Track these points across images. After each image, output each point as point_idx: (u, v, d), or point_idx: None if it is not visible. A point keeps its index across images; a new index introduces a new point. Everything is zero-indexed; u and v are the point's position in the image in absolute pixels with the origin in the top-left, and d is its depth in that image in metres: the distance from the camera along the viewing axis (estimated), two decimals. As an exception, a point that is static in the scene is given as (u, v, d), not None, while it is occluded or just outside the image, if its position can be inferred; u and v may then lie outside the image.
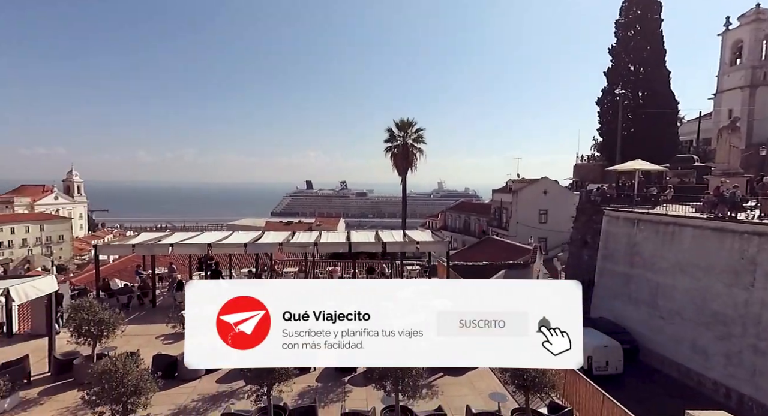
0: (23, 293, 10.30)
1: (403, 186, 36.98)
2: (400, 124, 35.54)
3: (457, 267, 22.57)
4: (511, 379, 8.21)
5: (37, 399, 9.47)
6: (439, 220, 63.96)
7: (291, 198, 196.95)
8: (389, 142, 35.75)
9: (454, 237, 48.91)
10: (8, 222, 79.64)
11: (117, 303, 15.85)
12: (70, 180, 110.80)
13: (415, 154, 35.51)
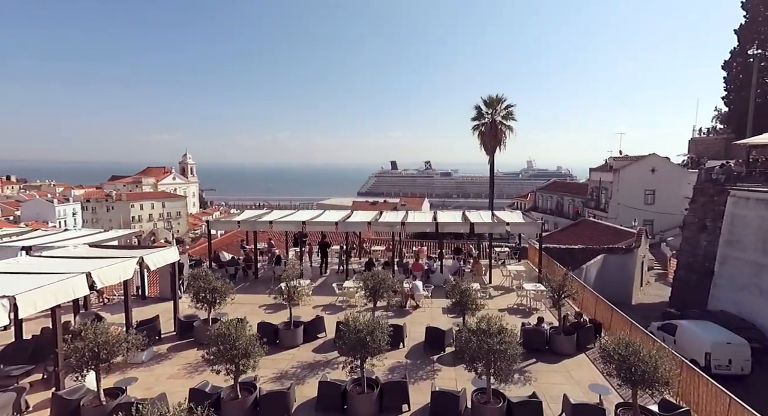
0: (154, 262, 11.81)
1: (491, 165, 35.25)
2: (488, 100, 33.59)
3: (549, 250, 20.95)
4: (616, 371, 7.35)
5: (166, 354, 10.91)
6: (528, 201, 60.34)
7: (376, 178, 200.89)
8: (477, 119, 34.09)
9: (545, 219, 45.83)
10: (138, 199, 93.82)
11: (226, 273, 17.57)
12: (185, 162, 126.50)
13: (504, 132, 33.44)
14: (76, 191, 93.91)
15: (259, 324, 11.44)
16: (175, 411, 5.38)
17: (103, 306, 14.45)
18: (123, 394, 7.93)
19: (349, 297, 14.75)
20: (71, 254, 11.17)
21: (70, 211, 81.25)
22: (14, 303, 7.20)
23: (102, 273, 9.43)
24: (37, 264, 9.99)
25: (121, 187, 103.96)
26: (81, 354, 7.49)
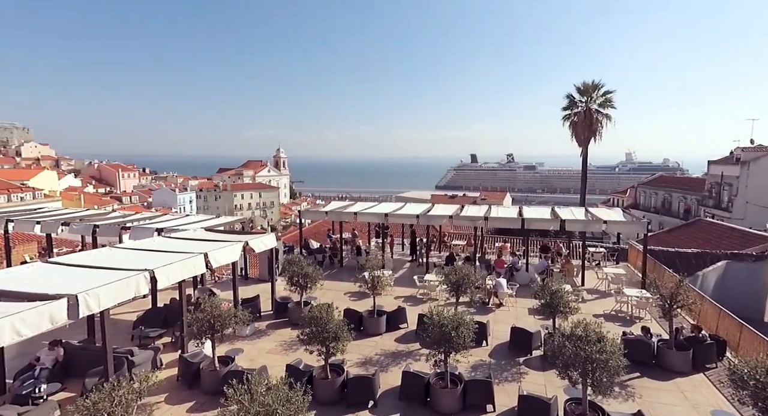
0: (256, 246, 13.06)
1: (583, 158, 32.44)
2: (582, 87, 30.83)
3: (655, 253, 18.65)
4: (751, 399, 6.29)
5: (265, 331, 12.05)
6: (627, 197, 54.25)
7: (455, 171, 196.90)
8: (568, 109, 31.55)
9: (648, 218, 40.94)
10: (240, 190, 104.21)
11: (314, 260, 18.79)
12: (278, 156, 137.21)
13: (600, 121, 30.45)
14: (192, 182, 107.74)
15: (345, 310, 12.01)
16: (278, 383, 5.91)
17: (215, 284, 16.39)
18: (232, 363, 8.96)
19: (430, 290, 14.81)
20: (191, 236, 12.84)
21: (188, 199, 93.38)
22: (153, 275, 8.54)
23: (216, 255, 10.70)
24: (167, 243, 11.67)
25: (226, 179, 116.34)
26: (200, 324, 8.63)
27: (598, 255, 19.88)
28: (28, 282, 7.73)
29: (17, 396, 7.57)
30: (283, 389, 5.73)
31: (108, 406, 5.53)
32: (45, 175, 70.61)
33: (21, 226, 15.36)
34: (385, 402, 8.35)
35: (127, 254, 10.37)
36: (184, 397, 8.48)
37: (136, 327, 11.04)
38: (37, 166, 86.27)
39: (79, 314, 6.90)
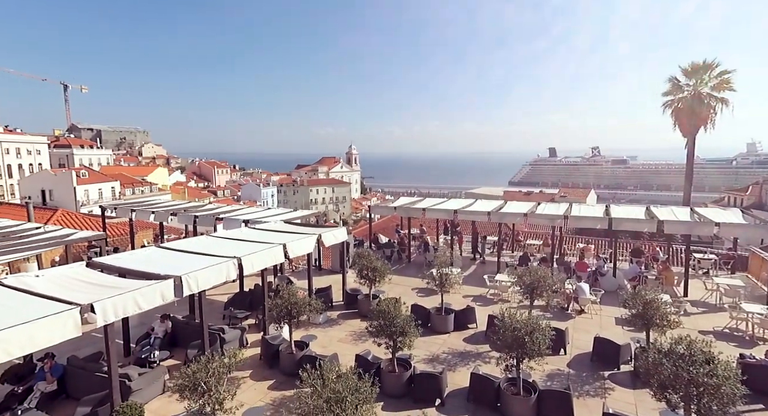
0: (329, 239, 13.74)
1: (689, 150, 28.52)
2: (690, 68, 27.13)
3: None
4: None
5: (336, 320, 12.64)
6: (749, 195, 46.71)
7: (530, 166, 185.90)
8: (671, 94, 28.01)
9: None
10: (315, 185, 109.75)
11: (383, 255, 19.17)
12: (350, 153, 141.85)
13: (714, 107, 26.52)
14: (274, 177, 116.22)
15: (412, 305, 12.13)
16: (348, 371, 6.22)
17: (292, 273, 17.56)
18: (306, 348, 9.57)
19: (501, 291, 14.33)
20: (272, 228, 13.88)
21: (270, 193, 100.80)
22: (240, 263, 9.45)
23: (293, 246, 11.47)
24: (252, 234, 12.78)
25: (303, 175, 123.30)
26: (279, 310, 9.36)
27: (707, 262, 17.31)
28: (145, 263, 9.02)
29: (137, 359, 8.92)
30: (353, 378, 6.01)
31: (204, 376, 6.26)
32: (159, 171, 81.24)
33: (140, 215, 18.07)
34: (453, 402, 8.29)
35: (219, 242, 11.56)
36: (265, 375, 9.27)
37: (227, 308, 12.29)
38: (153, 164, 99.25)
39: (183, 293, 7.92)
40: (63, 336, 6.16)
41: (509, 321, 7.75)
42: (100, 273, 8.69)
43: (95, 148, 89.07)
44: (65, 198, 50.42)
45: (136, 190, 62.44)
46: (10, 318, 5.98)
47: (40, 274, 8.27)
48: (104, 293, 7.13)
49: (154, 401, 8.05)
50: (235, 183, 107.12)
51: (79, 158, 76.40)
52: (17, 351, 5.77)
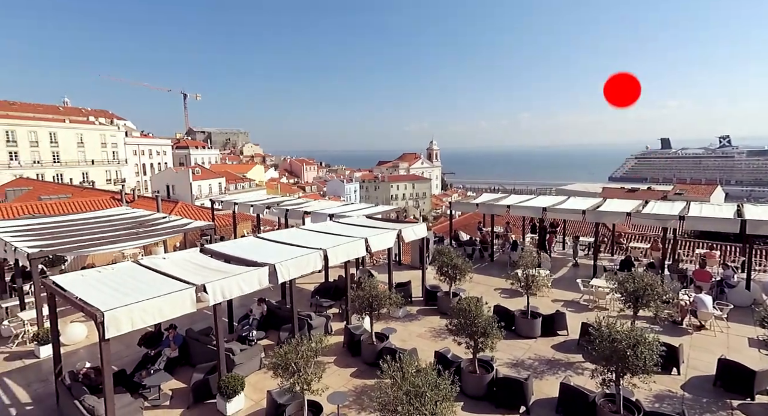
0: (408, 235, 13.87)
1: None
2: None
3: None
4: None
5: (416, 315, 12.72)
6: None
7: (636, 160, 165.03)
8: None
9: None
10: (395, 181, 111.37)
11: (464, 252, 18.76)
12: (431, 148, 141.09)
13: None
14: (357, 174, 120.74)
15: (495, 306, 11.69)
16: (427, 367, 6.24)
17: (373, 266, 18.09)
18: (386, 340, 9.81)
19: (598, 297, 13.10)
20: (355, 222, 14.45)
21: (353, 189, 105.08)
22: (325, 254, 10.02)
23: (374, 240, 11.83)
24: (336, 227, 13.45)
25: (384, 171, 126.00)
26: (361, 301, 9.72)
27: None
28: (245, 251, 10.06)
29: (239, 336, 9.99)
30: (432, 374, 6.01)
31: (293, 357, 6.78)
32: (256, 169, 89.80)
33: (242, 208, 20.38)
34: (540, 412, 7.82)
35: (307, 234, 12.38)
36: (348, 362, 9.72)
37: (313, 296, 13.14)
38: (251, 162, 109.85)
39: (277, 280, 8.67)
40: (183, 311, 7.15)
41: (607, 331, 7.05)
42: (210, 258, 9.88)
43: (206, 149, 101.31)
44: (184, 192, 58.21)
45: (238, 186, 69.58)
46: (146, 292, 7.13)
47: (166, 257, 9.68)
48: (213, 276, 8.12)
49: (252, 375, 8.93)
50: (321, 179, 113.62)
51: (194, 158, 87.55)
52: (150, 320, 6.85)
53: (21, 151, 55.74)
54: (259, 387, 8.46)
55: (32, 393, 8.58)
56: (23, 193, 37.86)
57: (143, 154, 75.79)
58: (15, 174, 51.75)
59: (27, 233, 12.90)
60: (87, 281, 7.93)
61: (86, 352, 10.15)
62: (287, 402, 7.16)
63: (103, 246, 12.35)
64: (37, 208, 24.85)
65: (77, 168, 61.81)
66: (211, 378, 8.07)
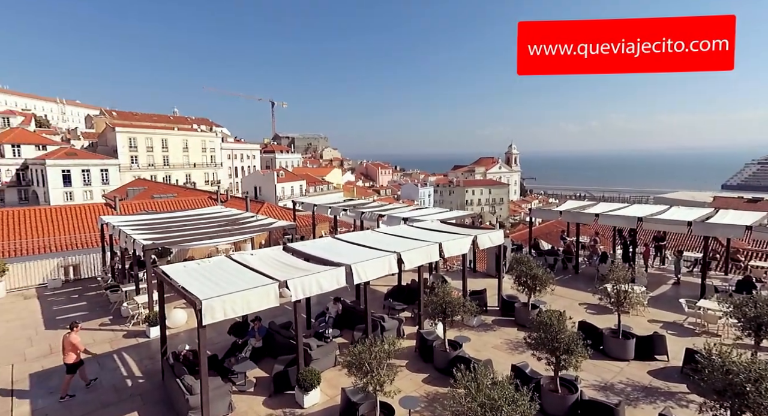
0: (484, 241, 13.38)
1: None
2: None
3: None
4: None
5: (491, 325, 12.19)
6: None
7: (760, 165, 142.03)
8: None
9: None
10: (471, 185, 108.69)
11: (544, 263, 17.60)
12: (510, 152, 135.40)
13: None
14: (431, 178, 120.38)
15: (580, 322, 10.80)
16: (504, 380, 5.92)
17: (446, 272, 17.78)
18: (459, 348, 9.54)
19: (707, 321, 11.39)
20: (429, 227, 14.33)
21: (427, 193, 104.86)
22: (399, 257, 10.07)
23: (449, 245, 11.60)
24: (410, 231, 13.46)
25: (460, 175, 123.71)
26: (434, 306, 9.58)
27: None
28: (324, 250, 10.51)
29: (315, 333, 10.46)
30: (509, 388, 5.70)
31: (367, 357, 6.90)
32: (334, 172, 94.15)
33: (320, 210, 21.40)
34: (631, 442, 7.03)
35: (382, 237, 12.56)
36: (420, 367, 9.64)
37: (386, 298, 13.28)
38: (330, 166, 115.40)
39: (353, 281, 8.91)
40: (267, 304, 7.67)
41: (720, 360, 6.09)
42: (291, 256, 10.49)
43: (289, 153, 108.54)
44: (269, 193, 62.95)
45: (317, 188, 73.43)
46: (236, 285, 7.80)
47: (253, 253, 10.50)
48: (295, 273, 8.60)
49: (327, 371, 9.26)
50: (395, 183, 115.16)
51: (279, 161, 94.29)
52: (240, 310, 7.47)
53: (140, 156, 64.95)
54: (333, 384, 8.75)
55: (143, 368, 9.84)
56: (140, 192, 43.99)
57: (236, 158, 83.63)
58: (134, 175, 60.38)
59: (142, 227, 14.91)
60: (188, 271, 8.88)
61: (186, 336, 11.38)
62: (360, 401, 7.30)
63: (202, 241, 13.80)
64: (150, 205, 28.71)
65: (182, 170, 70.29)
66: (290, 371, 8.54)
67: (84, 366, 8.89)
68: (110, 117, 75.77)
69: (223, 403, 7.81)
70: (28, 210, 25.14)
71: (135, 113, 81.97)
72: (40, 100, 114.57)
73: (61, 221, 24.25)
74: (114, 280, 15.38)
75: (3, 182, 56.50)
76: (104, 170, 58.47)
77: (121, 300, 13.43)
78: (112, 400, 8.47)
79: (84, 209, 26.58)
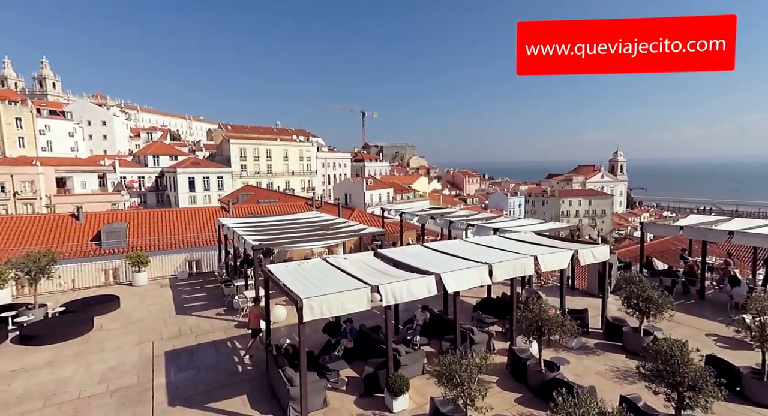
0: (585, 257, 12.27)
1: None
2: None
3: None
4: None
5: (593, 349, 11.07)
6: None
7: None
8: None
9: None
10: (567, 196, 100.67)
11: (660, 284, 15.50)
12: (615, 160, 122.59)
13: None
14: (522, 187, 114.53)
15: (708, 356, 9.26)
16: (615, 412, 5.34)
17: (540, 287, 16.65)
18: (557, 370, 8.84)
19: None
20: (522, 238, 13.61)
21: (517, 203, 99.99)
22: (490, 269, 9.73)
23: (545, 259, 10.88)
24: (502, 242, 12.93)
25: (555, 184, 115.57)
26: (529, 323, 9.03)
27: None
28: (413, 258, 10.63)
29: (403, 339, 10.59)
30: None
31: (458, 369, 6.78)
32: (421, 180, 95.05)
33: (407, 217, 21.61)
34: None
35: (472, 247, 12.27)
36: (512, 386, 9.15)
37: (475, 310, 12.90)
38: (416, 174, 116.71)
39: (444, 290, 8.85)
40: (359, 307, 8.00)
41: None
42: (381, 261, 10.80)
43: (378, 161, 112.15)
44: (358, 200, 65.70)
45: (404, 196, 74.62)
46: (332, 286, 8.28)
47: (346, 257, 11.05)
48: (386, 279, 8.83)
49: (415, 379, 9.28)
50: (483, 191, 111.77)
51: (368, 169, 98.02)
52: (335, 311, 7.91)
53: (248, 164, 72.85)
54: (421, 392, 8.74)
55: (251, 356, 10.92)
56: (247, 197, 49.25)
57: (329, 167, 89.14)
58: (243, 182, 67.94)
59: (250, 228, 16.66)
60: (290, 271, 9.68)
61: (286, 331, 12.36)
62: (450, 413, 7.18)
63: (300, 244, 14.94)
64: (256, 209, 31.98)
65: (282, 178, 77.04)
66: (380, 374, 8.75)
67: (261, 334, 10.28)
68: (226, 130, 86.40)
69: (319, 398, 8.30)
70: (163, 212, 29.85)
71: (245, 126, 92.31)
72: (173, 117, 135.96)
73: (187, 221, 28.29)
74: (227, 275, 17.39)
75: (146, 187, 67.85)
76: (220, 177, 66.86)
77: (233, 294, 15.12)
78: (227, 382, 9.56)
79: (204, 211, 30.68)
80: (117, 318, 13.78)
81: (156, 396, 8.97)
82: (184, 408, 8.48)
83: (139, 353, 11.12)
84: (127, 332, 12.59)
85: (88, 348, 11.43)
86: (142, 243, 23.33)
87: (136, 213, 30.26)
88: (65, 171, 57.92)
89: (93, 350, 11.33)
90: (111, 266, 18.96)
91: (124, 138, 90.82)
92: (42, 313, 13.23)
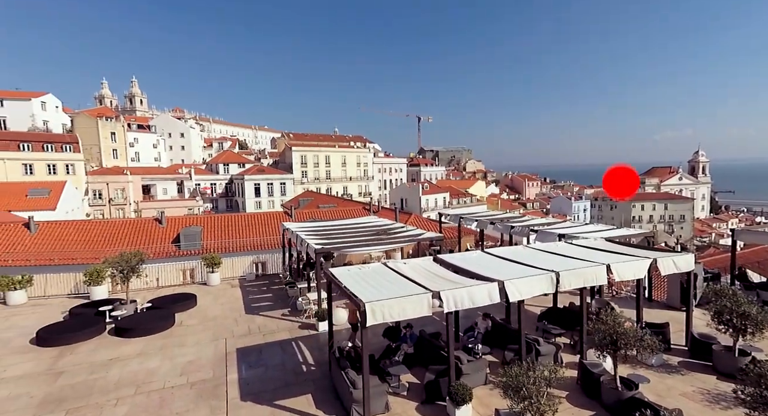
0: (666, 266, 11.21)
1: None
2: None
3: None
4: None
5: (677, 368, 10.05)
6: None
7: None
8: None
9: None
10: (639, 200, 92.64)
11: (757, 298, 13.73)
12: (696, 161, 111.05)
13: None
14: (588, 190, 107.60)
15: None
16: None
17: (612, 298, 15.49)
18: (636, 389, 8.14)
19: None
20: (592, 245, 12.77)
21: (582, 207, 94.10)
22: (558, 277, 9.24)
23: (619, 268, 10.11)
24: (569, 249, 12.23)
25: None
26: (602, 336, 8.42)
27: None
28: (473, 264, 10.42)
29: (464, 347, 10.38)
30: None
31: (525, 381, 6.51)
32: (478, 184, 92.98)
33: (466, 222, 21.23)
34: None
35: (536, 254, 11.74)
36: (583, 403, 8.59)
37: (540, 320, 12.30)
38: (473, 178, 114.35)
39: (508, 297, 8.55)
40: (420, 313, 7.97)
41: None
42: (441, 267, 10.70)
43: (434, 166, 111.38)
44: (414, 204, 65.74)
45: (460, 200, 73.35)
46: (392, 291, 8.35)
47: (406, 262, 11.09)
48: (446, 285, 8.73)
49: (478, 389, 9.03)
50: (544, 195, 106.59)
51: (423, 174, 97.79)
52: (396, 316, 7.95)
53: (308, 170, 75.99)
54: (485, 403, 8.51)
55: (314, 357, 11.33)
56: (308, 202, 51.31)
57: (385, 172, 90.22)
58: (304, 187, 70.94)
59: (312, 232, 17.31)
60: (350, 275, 9.90)
61: (347, 334, 12.65)
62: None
63: (360, 248, 15.25)
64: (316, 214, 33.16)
65: (340, 183, 79.32)
66: (441, 381, 8.64)
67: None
68: (288, 138, 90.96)
69: (381, 402, 8.39)
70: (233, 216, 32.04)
71: (306, 134, 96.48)
72: (241, 127, 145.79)
73: (253, 225, 30.09)
74: (291, 277, 18.22)
75: (217, 193, 73.36)
76: (283, 183, 70.48)
77: (296, 296, 15.79)
78: (292, 381, 9.99)
79: (269, 216, 32.44)
80: (195, 315, 14.99)
81: (229, 390, 9.61)
82: (254, 404, 8.99)
83: (214, 349, 11.99)
84: (204, 328, 13.64)
85: (171, 342, 12.56)
86: (214, 245, 25.20)
87: (210, 218, 32.83)
88: (150, 179, 64.59)
89: (175, 344, 12.43)
90: (188, 266, 20.65)
91: (199, 148, 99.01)
92: (133, 308, 14.77)
